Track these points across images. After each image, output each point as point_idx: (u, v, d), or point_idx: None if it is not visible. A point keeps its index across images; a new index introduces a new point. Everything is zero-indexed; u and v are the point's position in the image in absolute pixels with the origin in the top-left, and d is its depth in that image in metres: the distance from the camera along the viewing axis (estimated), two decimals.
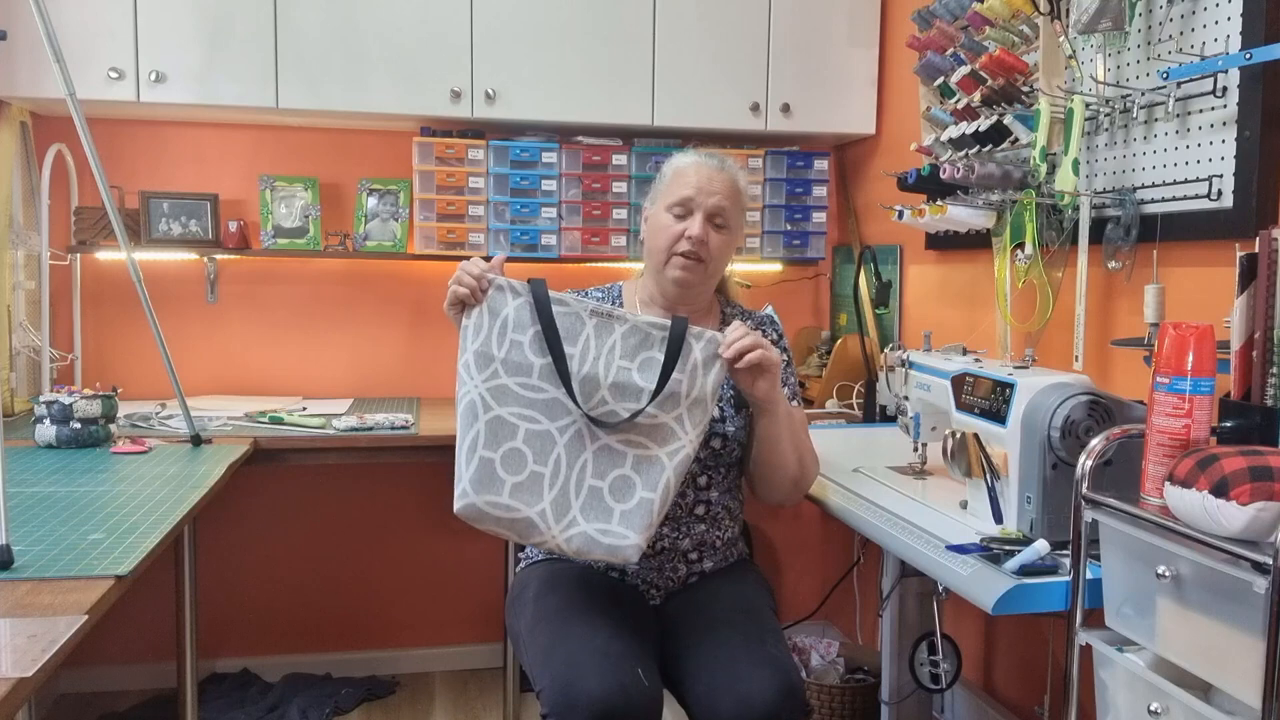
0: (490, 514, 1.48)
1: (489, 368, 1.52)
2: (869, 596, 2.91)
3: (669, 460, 1.53)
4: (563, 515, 1.49)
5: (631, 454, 1.53)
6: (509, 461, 1.49)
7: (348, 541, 3.00)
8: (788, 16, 2.80)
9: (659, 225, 1.76)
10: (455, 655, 3.09)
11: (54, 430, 2.15)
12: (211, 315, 2.92)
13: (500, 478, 1.49)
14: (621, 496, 1.51)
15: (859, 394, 2.76)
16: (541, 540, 1.50)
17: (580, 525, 1.49)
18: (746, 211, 1.84)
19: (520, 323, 1.54)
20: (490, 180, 2.78)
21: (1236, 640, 1.06)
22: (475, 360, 1.52)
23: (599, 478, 1.51)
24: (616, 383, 1.54)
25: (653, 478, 1.52)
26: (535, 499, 1.49)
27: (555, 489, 1.50)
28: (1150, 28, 1.80)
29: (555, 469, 1.51)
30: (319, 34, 2.57)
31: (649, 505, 1.51)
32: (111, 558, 1.39)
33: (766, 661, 1.55)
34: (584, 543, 1.49)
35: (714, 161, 1.77)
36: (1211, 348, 1.22)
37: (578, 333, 1.54)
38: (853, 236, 3.07)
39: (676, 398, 1.55)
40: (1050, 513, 1.44)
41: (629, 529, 1.50)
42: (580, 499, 1.50)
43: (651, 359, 1.55)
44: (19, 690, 0.99)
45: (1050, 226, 2.01)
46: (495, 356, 1.52)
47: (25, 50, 2.36)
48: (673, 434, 1.54)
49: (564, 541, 1.49)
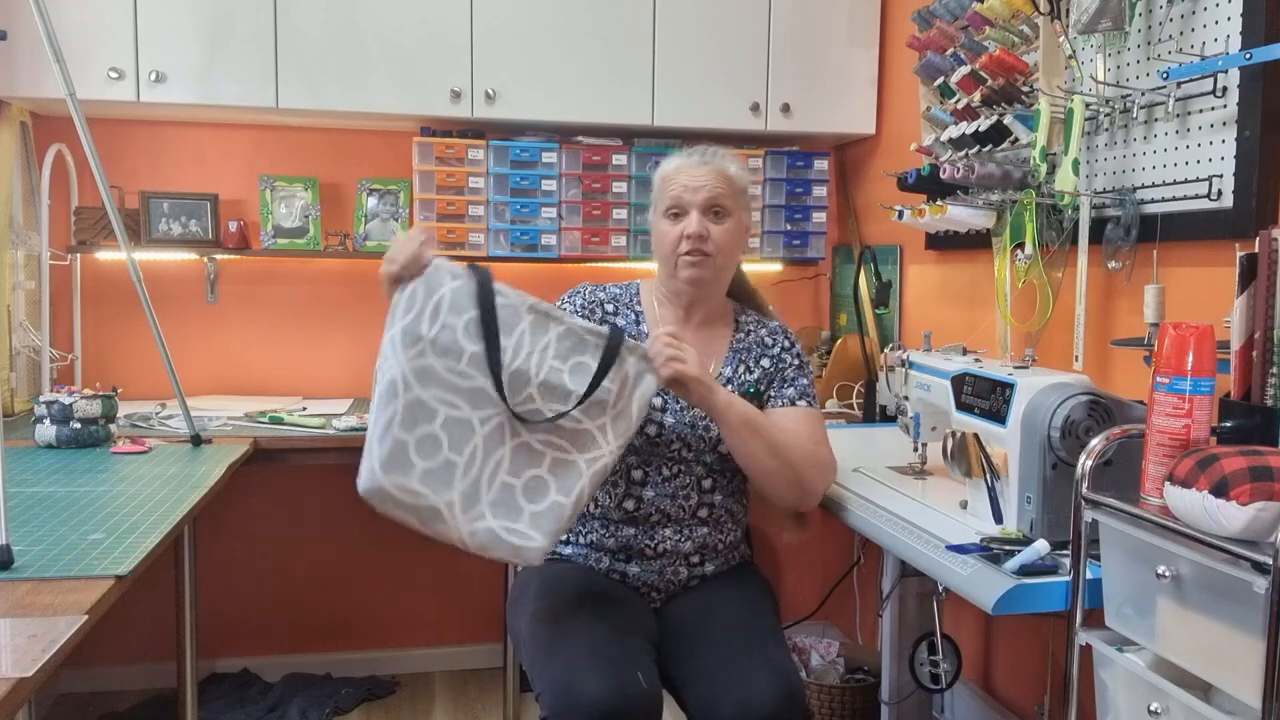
0: (395, 497, 1.43)
1: (415, 346, 1.46)
2: (869, 596, 2.90)
3: (587, 468, 1.51)
4: (470, 507, 1.45)
5: (550, 455, 1.50)
6: (423, 446, 1.44)
7: (348, 541, 3.00)
8: (788, 16, 2.80)
9: (660, 233, 1.76)
10: (455, 655, 3.09)
11: (54, 430, 2.15)
12: (211, 315, 2.91)
13: (412, 461, 1.43)
14: (534, 497, 1.48)
15: (859, 394, 2.76)
16: (445, 531, 1.45)
17: (487, 520, 1.46)
18: (747, 196, 1.81)
19: (456, 305, 1.48)
20: (490, 180, 2.78)
21: (1236, 640, 1.06)
22: (402, 337, 1.46)
23: (514, 475, 1.48)
24: (546, 382, 1.51)
25: (568, 483, 1.50)
26: (445, 488, 1.44)
27: (467, 480, 1.46)
28: (1150, 28, 1.80)
29: (470, 459, 1.46)
30: (319, 34, 2.57)
31: (560, 510, 1.48)
32: (111, 558, 1.39)
33: (767, 665, 1.54)
34: (488, 538, 1.45)
35: (696, 157, 1.76)
36: (1211, 348, 1.22)
37: (514, 325, 1.50)
38: (853, 236, 3.07)
39: (603, 405, 1.53)
40: (1050, 513, 1.44)
41: (536, 530, 1.47)
42: (491, 494, 1.47)
43: (583, 364, 1.53)
44: (19, 690, 0.99)
45: (1050, 226, 2.01)
46: (424, 336, 1.46)
47: (25, 50, 2.36)
48: (594, 441, 1.52)
49: (468, 535, 1.45)
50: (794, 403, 1.78)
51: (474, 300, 1.49)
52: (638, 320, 1.80)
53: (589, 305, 1.80)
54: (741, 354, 1.81)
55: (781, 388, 1.79)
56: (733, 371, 1.79)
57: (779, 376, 1.80)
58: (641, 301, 1.84)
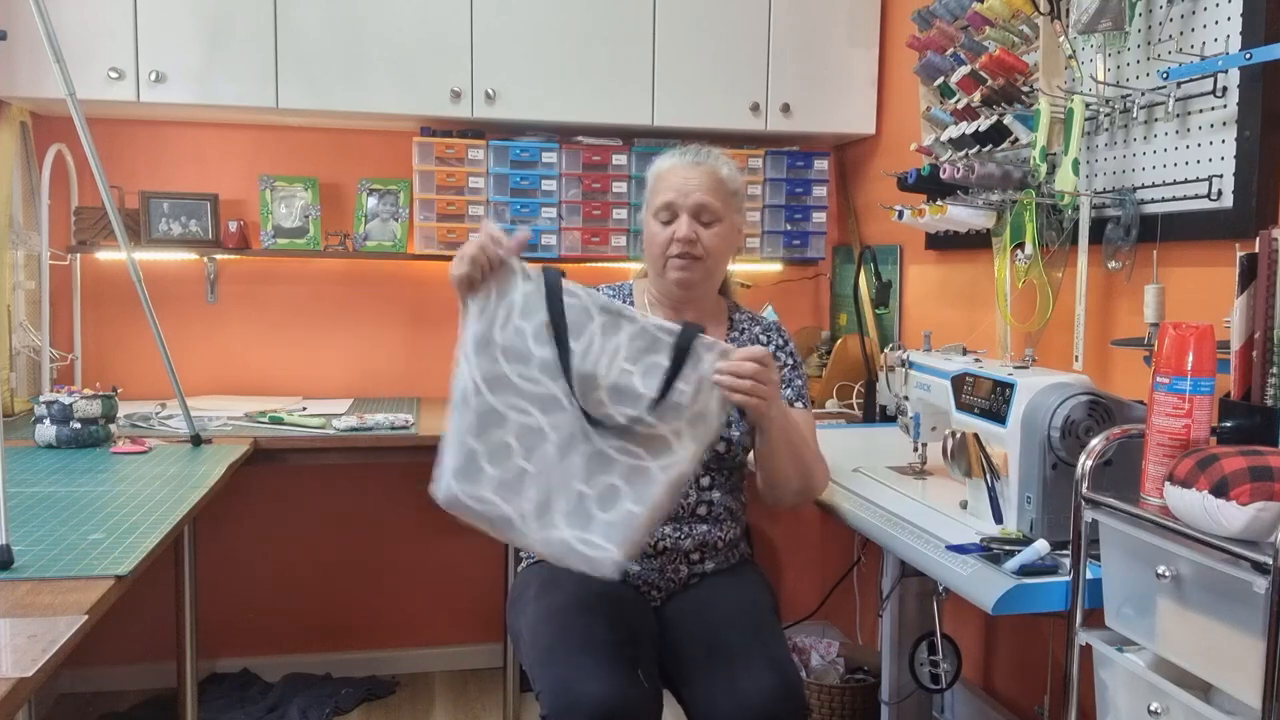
0: (469, 506, 1.42)
1: (487, 351, 1.44)
2: (869, 596, 2.90)
3: (663, 475, 1.43)
4: (543, 515, 1.42)
5: (624, 462, 1.44)
6: (496, 454, 1.42)
7: (348, 541, 3.00)
8: (788, 16, 2.80)
9: (650, 234, 1.76)
10: (455, 655, 3.09)
11: (54, 430, 2.15)
12: (211, 315, 2.91)
13: (484, 470, 1.42)
14: (606, 506, 1.42)
15: (859, 394, 2.76)
16: (518, 538, 1.44)
17: (560, 530, 1.41)
18: (740, 198, 1.80)
19: (528, 309, 1.46)
20: (490, 180, 2.78)
21: (1236, 640, 1.06)
22: (474, 344, 1.44)
23: (586, 483, 1.43)
24: (616, 385, 1.46)
25: (642, 491, 1.43)
26: (517, 496, 1.42)
27: (539, 488, 1.43)
28: (1150, 28, 1.80)
29: (542, 467, 1.43)
30: (319, 34, 2.57)
31: (633, 519, 1.41)
32: (111, 558, 1.39)
33: (766, 662, 1.54)
34: (561, 549, 1.42)
35: (689, 157, 1.75)
36: (1211, 348, 1.22)
37: (584, 327, 1.46)
38: (853, 236, 3.07)
39: (679, 409, 1.45)
40: (1050, 513, 1.44)
41: (608, 541, 1.41)
42: (564, 503, 1.42)
43: (656, 364, 1.46)
44: (19, 690, 0.99)
45: (1050, 226, 2.01)
46: (495, 341, 1.45)
47: (25, 50, 2.36)
48: (669, 447, 1.45)
49: (541, 544, 1.42)
50: (792, 405, 1.78)
51: (545, 303, 1.46)
52: None
53: None
54: None
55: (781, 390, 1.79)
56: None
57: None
58: (634, 301, 1.84)
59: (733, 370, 1.47)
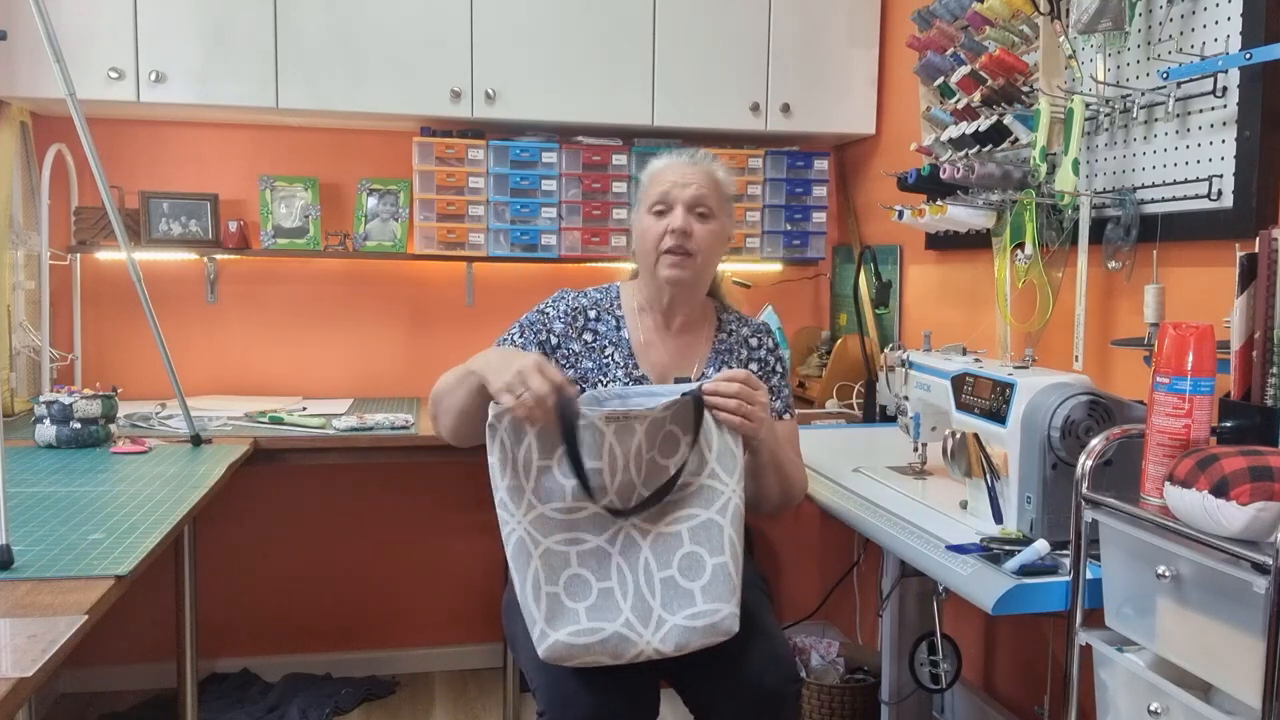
0: (578, 644, 1.40)
1: (523, 500, 1.45)
2: (869, 596, 2.90)
3: (722, 518, 1.47)
4: (648, 619, 1.43)
5: (685, 530, 1.47)
6: (573, 588, 1.43)
7: (348, 541, 3.00)
8: (788, 16, 2.80)
9: (642, 229, 1.74)
10: (455, 655, 3.09)
11: (54, 430, 2.15)
12: (211, 315, 2.91)
13: (571, 607, 1.42)
14: (694, 574, 1.44)
15: (859, 394, 2.76)
16: (639, 652, 1.42)
17: (670, 620, 1.43)
18: (732, 204, 1.81)
19: (545, 448, 1.46)
20: (490, 180, 2.78)
21: (1236, 640, 1.06)
22: (510, 497, 1.45)
23: (666, 567, 1.45)
24: (647, 476, 1.48)
25: (715, 541, 1.46)
26: (614, 613, 1.43)
27: (630, 597, 1.44)
28: (1150, 28, 1.80)
29: (621, 578, 1.45)
30: (319, 34, 2.57)
31: (725, 570, 1.44)
32: (111, 558, 1.39)
33: (754, 631, 1.56)
34: (682, 635, 1.42)
35: (685, 157, 1.76)
36: (1211, 348, 1.22)
37: (600, 445, 1.45)
38: (853, 236, 3.07)
39: (702, 458, 1.49)
40: (1050, 513, 1.44)
41: (717, 601, 1.43)
42: (658, 597, 1.44)
43: (670, 434, 1.49)
44: (19, 690, 0.99)
45: (1050, 226, 2.01)
46: (525, 489, 1.45)
47: (25, 50, 2.36)
48: (715, 492, 1.48)
49: (660, 643, 1.42)
50: (780, 416, 1.79)
51: (560, 435, 1.46)
52: (618, 325, 1.78)
53: (571, 312, 1.77)
54: (724, 354, 1.79)
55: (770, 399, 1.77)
56: (716, 371, 1.78)
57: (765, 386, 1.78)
58: (622, 305, 1.81)
59: (716, 391, 1.50)
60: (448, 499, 3.03)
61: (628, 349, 1.77)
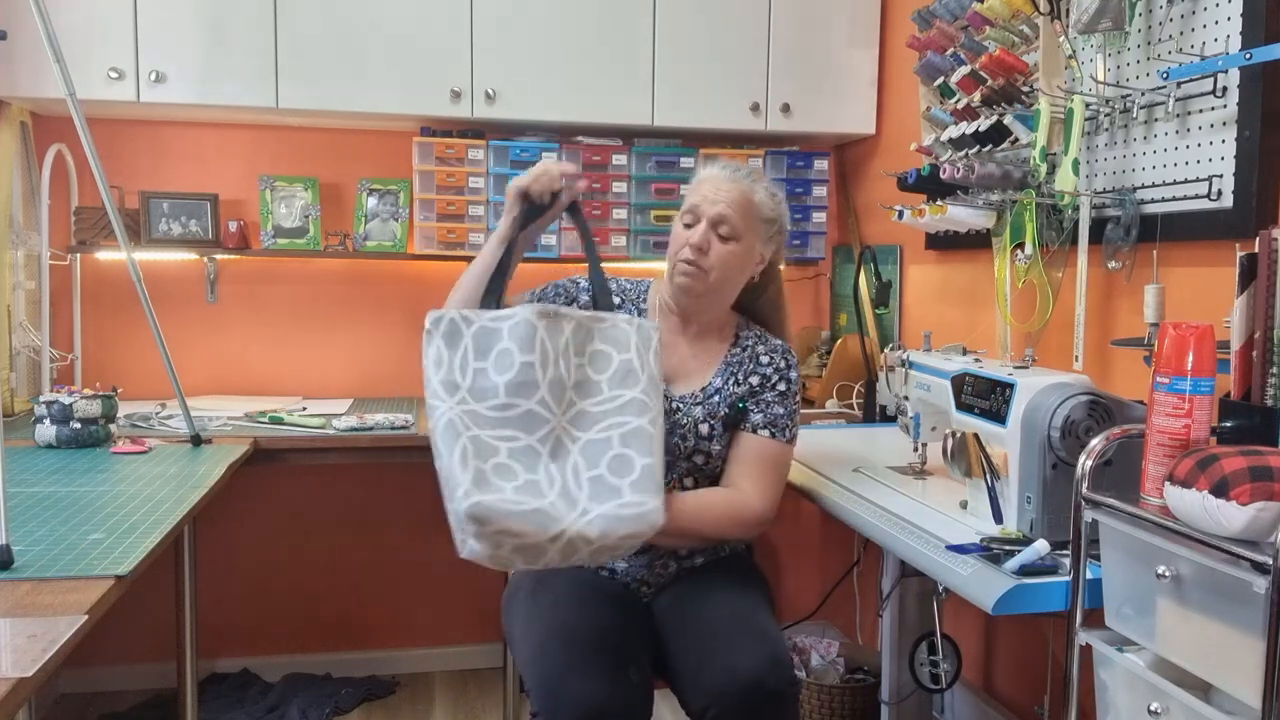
0: (501, 508, 1.38)
1: (457, 394, 1.47)
2: (869, 596, 2.90)
3: (652, 427, 1.50)
4: (574, 507, 1.43)
5: (615, 435, 1.49)
6: (500, 472, 1.44)
7: (348, 541, 3.00)
8: (788, 16, 2.80)
9: (674, 234, 1.76)
10: (455, 655, 3.09)
11: (54, 430, 2.15)
12: (211, 315, 2.91)
13: (496, 483, 1.42)
14: (623, 473, 1.46)
15: (859, 394, 2.76)
16: (560, 531, 1.39)
17: (595, 510, 1.43)
18: (772, 226, 1.78)
19: (480, 350, 1.49)
20: (490, 180, 2.78)
21: (1236, 640, 1.06)
22: (442, 388, 1.47)
23: (594, 467, 1.47)
24: (578, 382, 1.52)
25: (644, 444, 1.48)
26: (539, 496, 1.43)
27: (555, 490, 1.44)
28: (1150, 28, 1.80)
29: (549, 476, 1.46)
30: (319, 34, 2.57)
31: (652, 469, 1.47)
32: (111, 558, 1.39)
33: (751, 632, 1.56)
34: (606, 523, 1.42)
35: (729, 171, 1.75)
36: (1211, 348, 1.22)
37: (532, 339, 1.49)
38: (853, 236, 3.07)
39: (635, 374, 1.53)
40: (1050, 513, 1.44)
41: (644, 494, 1.45)
42: (585, 491, 1.45)
43: (598, 351, 1.54)
44: (19, 690, 0.99)
45: (1050, 226, 2.01)
46: (461, 385, 1.48)
47: (25, 50, 2.36)
48: (645, 405, 1.51)
49: (585, 526, 1.41)
50: (756, 430, 1.74)
51: (503, 336, 1.50)
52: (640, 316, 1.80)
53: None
54: (734, 367, 1.78)
55: (754, 410, 1.75)
56: (722, 383, 1.77)
57: (759, 398, 1.76)
58: (648, 300, 1.84)
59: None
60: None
61: None
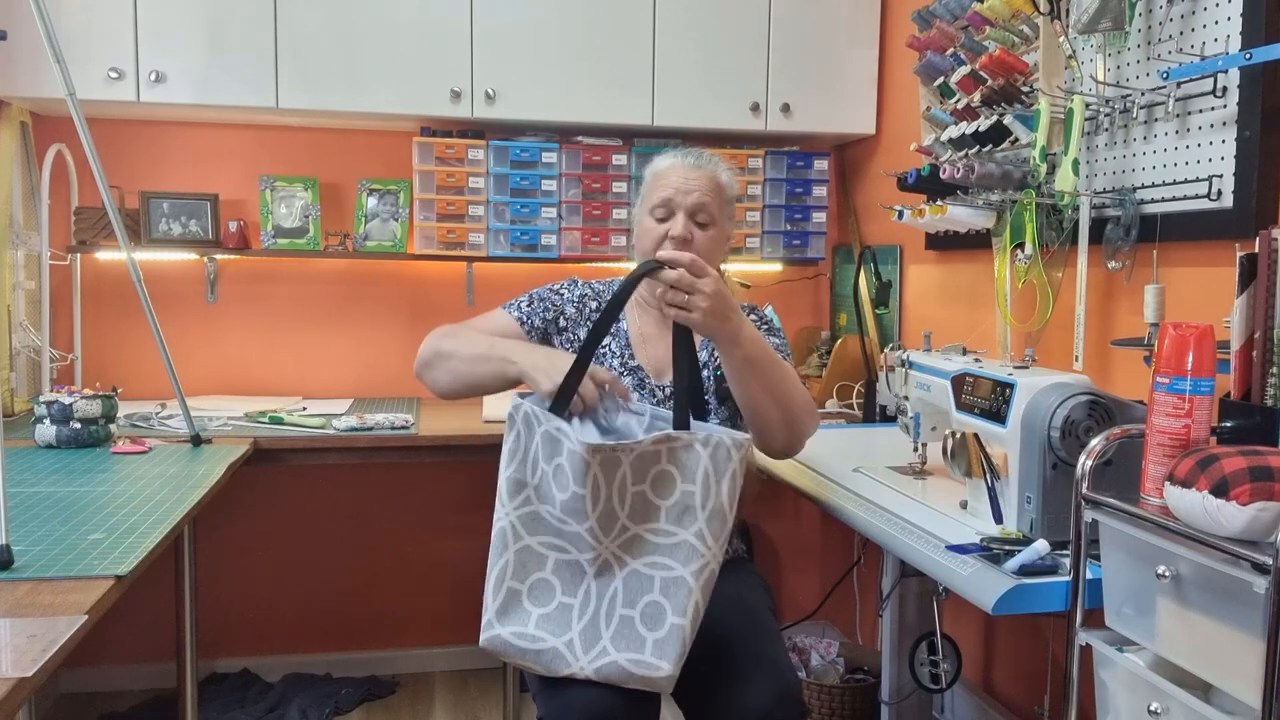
0: (515, 646, 1.43)
1: (521, 494, 1.47)
2: (869, 596, 2.91)
3: (694, 581, 1.44)
4: (592, 645, 1.44)
5: (658, 577, 1.45)
6: (536, 592, 1.46)
7: (347, 541, 3.00)
8: (788, 16, 2.80)
9: (644, 230, 1.75)
10: (455, 655, 3.09)
11: (54, 430, 2.15)
12: (211, 315, 2.91)
13: (527, 609, 1.45)
14: (653, 624, 1.43)
15: (859, 394, 2.76)
16: (569, 671, 1.43)
17: (611, 655, 1.43)
18: (733, 206, 1.80)
19: (549, 454, 1.47)
20: (490, 180, 2.78)
21: (1236, 640, 1.06)
22: (508, 487, 1.47)
23: (629, 606, 1.45)
24: (633, 508, 1.46)
25: (680, 601, 1.43)
26: (563, 629, 1.44)
27: (585, 620, 1.45)
28: (1150, 28, 1.80)
29: (585, 599, 1.46)
30: (319, 34, 2.57)
31: (680, 632, 1.43)
32: (111, 558, 1.39)
33: (762, 665, 1.55)
34: (615, 672, 1.42)
35: (690, 159, 1.75)
36: (1211, 348, 1.22)
37: (585, 473, 1.44)
38: (853, 236, 3.07)
39: (693, 511, 1.45)
40: (1050, 513, 1.44)
41: (662, 659, 1.42)
42: (611, 629, 1.44)
43: (663, 472, 1.46)
44: (19, 690, 0.99)
45: (1050, 226, 2.01)
46: (529, 484, 1.48)
47: (25, 50, 2.36)
48: (695, 551, 1.45)
49: (593, 671, 1.43)
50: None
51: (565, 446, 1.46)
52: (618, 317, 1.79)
53: (582, 298, 1.82)
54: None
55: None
56: (709, 355, 1.80)
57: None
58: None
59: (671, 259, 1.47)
60: (447, 499, 3.03)
61: (625, 340, 1.81)
